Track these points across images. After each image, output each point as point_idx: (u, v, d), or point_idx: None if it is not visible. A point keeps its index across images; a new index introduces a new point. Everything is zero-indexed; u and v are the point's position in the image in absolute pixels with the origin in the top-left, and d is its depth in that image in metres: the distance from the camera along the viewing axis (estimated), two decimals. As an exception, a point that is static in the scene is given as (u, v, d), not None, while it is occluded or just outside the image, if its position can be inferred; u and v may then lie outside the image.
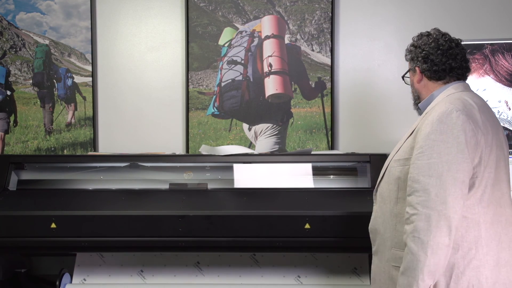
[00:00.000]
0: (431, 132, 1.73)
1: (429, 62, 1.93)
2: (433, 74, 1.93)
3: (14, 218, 2.49)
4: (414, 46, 1.98)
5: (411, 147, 1.82)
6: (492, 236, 1.75)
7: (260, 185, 2.67)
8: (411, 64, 2.00)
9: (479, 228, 1.74)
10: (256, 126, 3.26)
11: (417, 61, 1.95)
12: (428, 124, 1.76)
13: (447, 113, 1.74)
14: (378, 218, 1.94)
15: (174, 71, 3.32)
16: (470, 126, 1.73)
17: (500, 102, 2.92)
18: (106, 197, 2.66)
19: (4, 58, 3.36)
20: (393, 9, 3.23)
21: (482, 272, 1.72)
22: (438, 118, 1.74)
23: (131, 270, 2.74)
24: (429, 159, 1.70)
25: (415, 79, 1.98)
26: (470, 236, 1.73)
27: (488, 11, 3.17)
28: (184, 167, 2.82)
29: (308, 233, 2.41)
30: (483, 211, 1.75)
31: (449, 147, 1.70)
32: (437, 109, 1.78)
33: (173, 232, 2.44)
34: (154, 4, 3.33)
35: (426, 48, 1.93)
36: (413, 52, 1.98)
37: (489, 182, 1.76)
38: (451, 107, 1.75)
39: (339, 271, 2.70)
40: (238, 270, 2.72)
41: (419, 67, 1.95)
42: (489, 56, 2.94)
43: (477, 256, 1.73)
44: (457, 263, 1.72)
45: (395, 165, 1.88)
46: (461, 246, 1.72)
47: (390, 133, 3.18)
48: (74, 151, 3.32)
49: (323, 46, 3.24)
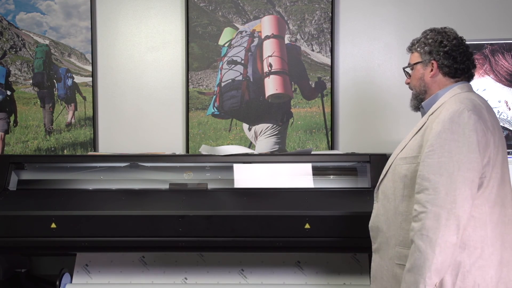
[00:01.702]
0: (442, 131, 1.73)
1: (451, 59, 1.90)
2: (452, 71, 1.91)
3: (14, 218, 2.49)
4: (434, 40, 1.92)
5: (419, 145, 1.82)
6: (497, 236, 1.76)
7: (260, 185, 2.67)
8: (425, 57, 1.93)
9: (485, 228, 1.75)
10: (256, 126, 3.26)
11: (437, 55, 1.91)
12: (439, 122, 1.75)
13: (458, 113, 1.74)
14: (380, 216, 1.94)
15: (174, 71, 3.32)
16: (481, 126, 1.74)
17: (500, 102, 2.92)
18: (106, 197, 2.66)
19: (4, 58, 3.36)
20: (393, 9, 3.23)
21: (487, 271, 1.74)
22: (449, 117, 1.74)
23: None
24: (440, 157, 1.70)
25: (427, 73, 1.93)
26: (477, 235, 1.74)
27: (488, 11, 3.17)
28: (184, 167, 2.82)
29: (308, 233, 2.41)
30: (489, 211, 1.76)
31: (460, 147, 1.70)
32: (447, 108, 1.78)
33: (173, 232, 2.44)
34: (154, 4, 3.33)
35: (449, 45, 1.90)
36: (432, 45, 1.92)
37: (495, 182, 1.77)
38: (462, 106, 1.75)
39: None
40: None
41: (438, 62, 1.91)
42: (489, 56, 2.94)
43: (483, 255, 1.74)
44: (463, 261, 1.73)
45: (401, 163, 1.87)
46: (468, 245, 1.73)
47: (390, 133, 3.18)
48: (74, 151, 3.32)
49: (323, 46, 3.24)
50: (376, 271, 1.96)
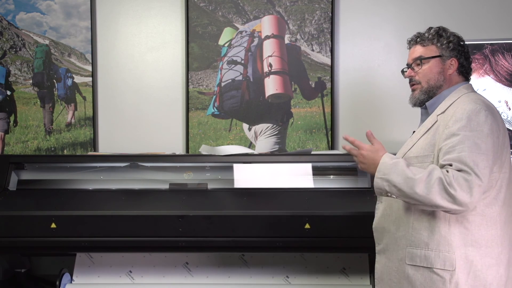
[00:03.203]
0: (461, 128, 1.73)
1: (468, 60, 1.94)
2: (468, 71, 1.94)
3: (14, 218, 2.49)
4: (455, 38, 1.93)
5: (431, 144, 1.82)
6: (505, 235, 1.78)
7: (260, 185, 2.67)
8: (446, 52, 1.91)
9: (496, 227, 1.76)
10: (256, 126, 3.26)
11: (458, 53, 1.92)
12: (456, 121, 1.75)
13: (476, 112, 1.74)
14: (387, 217, 1.92)
15: (174, 71, 3.32)
16: (496, 127, 1.76)
17: (500, 102, 2.92)
18: (106, 197, 2.66)
19: (4, 58, 3.36)
20: (393, 9, 3.23)
21: (497, 270, 1.75)
22: (467, 115, 1.74)
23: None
24: (460, 152, 1.70)
25: (447, 69, 1.91)
26: (488, 234, 1.75)
27: (488, 11, 3.17)
28: (184, 167, 2.82)
29: (308, 233, 2.41)
30: (499, 210, 1.77)
31: (478, 144, 1.70)
32: (461, 106, 1.78)
33: (173, 232, 2.44)
34: (154, 4, 3.33)
35: (465, 46, 1.94)
36: (454, 43, 1.92)
37: (504, 182, 1.79)
38: (478, 106, 1.76)
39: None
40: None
41: (459, 60, 1.91)
42: (489, 56, 2.94)
43: (492, 254, 1.75)
44: (475, 260, 1.74)
45: (412, 162, 1.85)
46: (479, 244, 1.74)
47: (390, 133, 3.18)
48: (74, 151, 3.32)
49: (323, 46, 3.24)
50: (383, 273, 1.93)
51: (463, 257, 1.74)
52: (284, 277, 2.71)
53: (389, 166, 1.76)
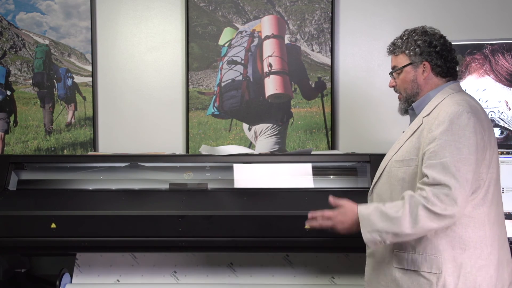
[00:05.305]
0: (443, 132, 1.72)
1: (442, 59, 1.90)
2: (444, 70, 1.91)
3: (14, 218, 2.49)
4: (423, 41, 1.91)
5: (416, 147, 1.82)
6: (494, 236, 1.78)
7: (260, 185, 2.67)
8: (415, 58, 1.92)
9: (484, 228, 1.76)
10: (256, 126, 3.26)
11: (429, 55, 1.90)
12: (439, 124, 1.75)
13: (458, 114, 1.73)
14: None
15: (174, 71, 3.32)
16: (479, 128, 1.75)
17: (500, 102, 2.92)
18: (106, 197, 2.66)
19: (4, 58, 3.36)
20: (393, 9, 3.23)
21: (487, 271, 1.74)
22: (449, 119, 1.73)
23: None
24: (441, 158, 1.70)
25: (419, 74, 1.92)
26: (476, 236, 1.75)
27: (488, 11, 3.17)
28: (184, 167, 2.81)
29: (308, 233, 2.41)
30: (487, 210, 1.77)
31: (460, 148, 1.70)
32: (445, 109, 1.77)
33: (173, 232, 2.44)
34: (154, 4, 3.33)
35: (439, 44, 1.90)
36: (422, 46, 1.91)
37: (492, 182, 1.78)
38: (460, 108, 1.75)
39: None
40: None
41: (430, 62, 1.90)
42: (489, 56, 2.94)
43: (482, 255, 1.74)
44: (464, 263, 1.73)
45: (397, 165, 1.87)
46: (468, 246, 1.74)
47: (390, 133, 3.18)
48: (74, 151, 3.32)
49: (323, 46, 3.24)
50: (371, 275, 1.95)
51: (451, 259, 1.74)
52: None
53: (369, 216, 1.77)
